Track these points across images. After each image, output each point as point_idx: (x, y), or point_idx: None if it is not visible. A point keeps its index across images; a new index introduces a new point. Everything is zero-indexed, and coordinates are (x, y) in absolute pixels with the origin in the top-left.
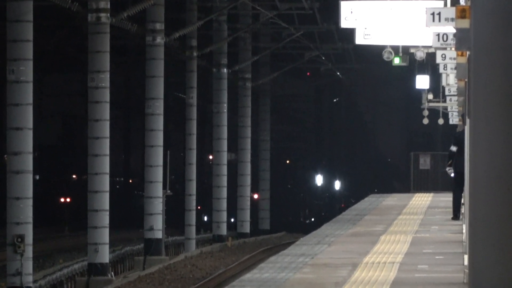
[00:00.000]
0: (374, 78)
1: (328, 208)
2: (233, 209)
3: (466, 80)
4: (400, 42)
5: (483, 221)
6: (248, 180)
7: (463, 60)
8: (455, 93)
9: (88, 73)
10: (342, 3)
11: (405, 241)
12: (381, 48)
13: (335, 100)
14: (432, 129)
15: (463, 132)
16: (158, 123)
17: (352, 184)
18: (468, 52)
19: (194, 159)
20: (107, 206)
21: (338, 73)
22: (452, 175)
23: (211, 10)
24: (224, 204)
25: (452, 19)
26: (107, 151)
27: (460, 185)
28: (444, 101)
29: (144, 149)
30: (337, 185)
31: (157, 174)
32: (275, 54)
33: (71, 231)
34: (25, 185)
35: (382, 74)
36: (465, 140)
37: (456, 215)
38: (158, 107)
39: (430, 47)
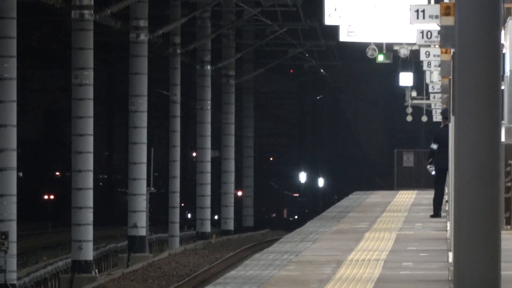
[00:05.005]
0: (358, 75)
1: (311, 205)
2: (216, 206)
3: (450, 77)
4: (384, 39)
5: (468, 218)
6: (231, 177)
7: (447, 57)
8: (439, 91)
9: (71, 70)
10: (326, 0)
11: (390, 238)
12: (365, 45)
13: (318, 97)
14: (416, 126)
15: (443, 129)
16: (142, 120)
17: (335, 181)
18: (452, 50)
19: (178, 156)
20: (91, 203)
21: (321, 70)
22: (433, 173)
23: (194, 7)
24: (208, 201)
25: (437, 16)
26: (91, 149)
27: (442, 182)
28: (428, 99)
29: (127, 146)
30: (321, 182)
31: (141, 171)
32: (258, 51)
33: (54, 227)
34: (9, 182)
35: (366, 71)
36: (448, 137)
37: (437, 212)
38: (142, 104)
39: (414, 44)
